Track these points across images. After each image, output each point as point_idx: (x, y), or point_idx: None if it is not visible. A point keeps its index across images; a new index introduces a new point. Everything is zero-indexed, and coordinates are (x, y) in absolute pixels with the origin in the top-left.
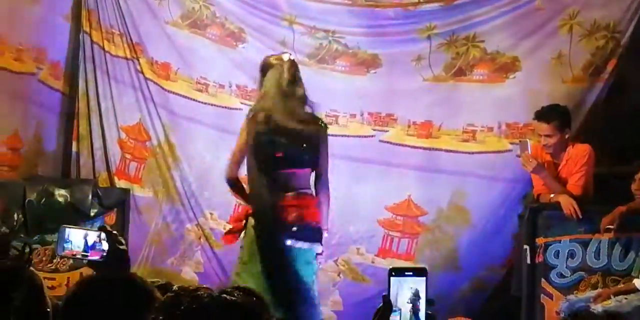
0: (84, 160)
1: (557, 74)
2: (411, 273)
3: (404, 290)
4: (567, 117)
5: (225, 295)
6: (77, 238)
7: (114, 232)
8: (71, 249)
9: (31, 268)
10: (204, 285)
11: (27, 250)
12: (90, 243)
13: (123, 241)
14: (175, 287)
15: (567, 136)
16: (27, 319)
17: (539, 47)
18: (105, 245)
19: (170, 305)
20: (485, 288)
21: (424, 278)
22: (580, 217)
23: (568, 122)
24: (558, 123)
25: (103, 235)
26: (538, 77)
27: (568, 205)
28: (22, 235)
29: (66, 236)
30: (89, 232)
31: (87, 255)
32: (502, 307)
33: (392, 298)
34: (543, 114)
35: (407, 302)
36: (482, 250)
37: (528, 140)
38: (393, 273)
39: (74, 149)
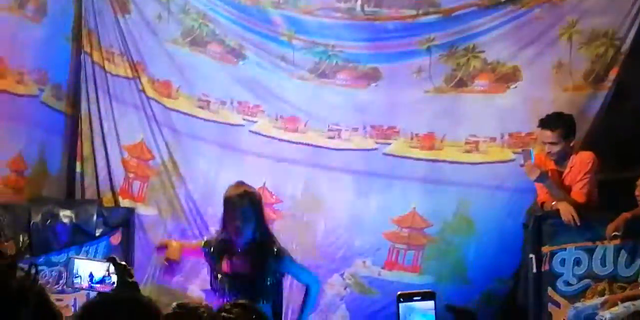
0: (88, 181)
1: (558, 82)
2: (419, 297)
3: (413, 316)
4: (572, 125)
5: (223, 313)
6: (85, 271)
7: (123, 263)
8: (80, 283)
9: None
10: (204, 303)
11: (34, 270)
12: (98, 276)
13: (133, 273)
14: (174, 304)
15: (571, 144)
16: None
17: (539, 56)
18: (114, 278)
19: None
20: (495, 301)
21: (433, 302)
22: (579, 224)
23: (573, 130)
24: (563, 131)
25: (112, 267)
26: (539, 86)
27: (566, 212)
28: (28, 256)
29: (75, 270)
30: (97, 263)
31: (96, 288)
32: (513, 318)
33: None
34: (548, 122)
35: None
36: (489, 261)
37: (531, 149)
38: (401, 299)
39: (77, 169)
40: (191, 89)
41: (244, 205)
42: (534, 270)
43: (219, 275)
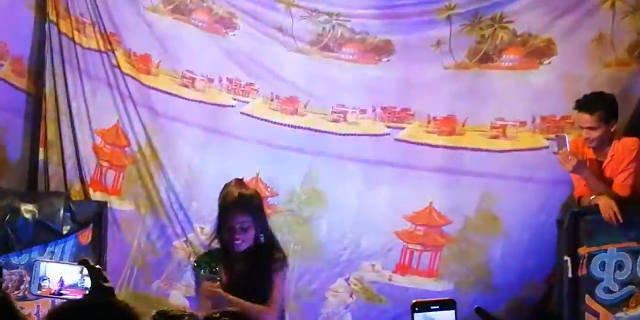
0: (53, 170)
1: (598, 57)
2: (438, 307)
3: None
4: (613, 107)
5: None
6: (54, 274)
7: (97, 266)
8: (48, 286)
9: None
10: (188, 311)
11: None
12: (69, 281)
13: (108, 277)
14: (153, 312)
15: (612, 129)
16: None
17: (576, 28)
18: (87, 282)
19: None
20: (524, 310)
21: (453, 312)
22: (622, 221)
23: (614, 112)
24: (603, 113)
25: (85, 270)
26: (576, 62)
27: (607, 207)
28: None
29: (42, 273)
30: (68, 266)
31: (66, 294)
32: None
33: None
34: (585, 104)
35: None
36: (518, 264)
37: (566, 135)
38: (416, 308)
39: (41, 156)
40: (173, 64)
41: (242, 215)
42: (570, 274)
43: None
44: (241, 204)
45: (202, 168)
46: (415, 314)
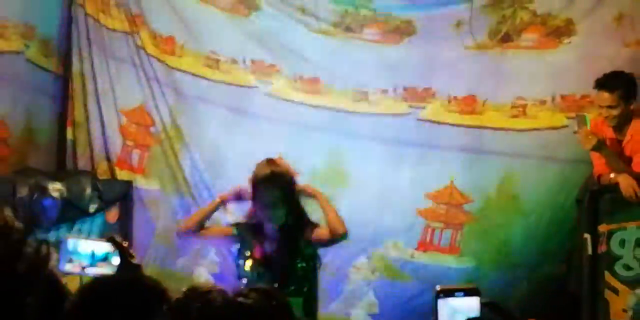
0: (81, 150)
1: (619, 36)
2: (462, 293)
3: (454, 315)
4: (632, 86)
5: (241, 298)
6: (83, 250)
7: (125, 244)
8: (78, 262)
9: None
10: (218, 287)
11: (45, 249)
12: (99, 255)
13: (134, 253)
14: (184, 289)
15: (632, 107)
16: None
17: (596, 7)
18: (115, 259)
19: (179, 310)
20: (544, 287)
21: (478, 298)
22: None
23: (634, 91)
24: (622, 92)
25: (113, 247)
26: (597, 41)
27: (627, 186)
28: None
29: (71, 249)
30: (96, 242)
31: (94, 268)
32: (564, 306)
33: None
34: (605, 82)
35: None
36: (538, 242)
37: (586, 114)
38: (441, 295)
39: (69, 136)
40: (198, 46)
41: (273, 191)
42: (589, 252)
43: (249, 262)
44: (273, 180)
45: (226, 148)
46: (440, 300)
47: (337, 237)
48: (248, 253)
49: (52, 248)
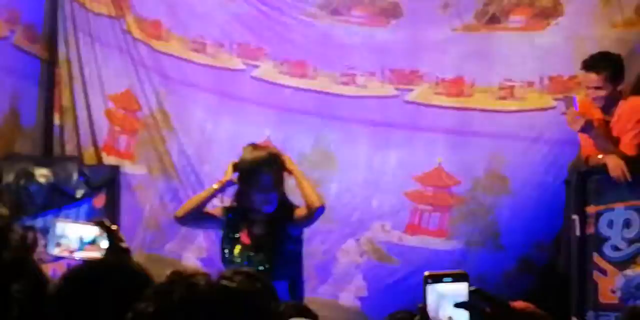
0: (68, 135)
1: (606, 17)
2: (450, 279)
3: (442, 300)
4: (619, 67)
5: (225, 281)
6: (72, 233)
7: (114, 227)
8: (67, 245)
9: (34, 257)
10: (201, 271)
11: (31, 236)
12: (87, 239)
13: (124, 238)
14: (168, 273)
15: (619, 88)
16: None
17: None
18: (104, 243)
19: (161, 294)
20: (533, 268)
21: (466, 284)
22: (630, 180)
23: (621, 72)
24: (609, 73)
25: (101, 230)
26: (584, 22)
27: (615, 167)
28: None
29: (59, 232)
30: (85, 226)
31: (83, 251)
32: (553, 287)
33: (430, 309)
34: (592, 63)
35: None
36: (526, 224)
37: (574, 95)
38: (429, 280)
39: (56, 122)
40: (184, 30)
41: (271, 174)
42: (578, 233)
43: (237, 247)
44: (271, 163)
45: (213, 131)
46: (428, 286)
47: (314, 211)
48: (237, 236)
49: (39, 234)
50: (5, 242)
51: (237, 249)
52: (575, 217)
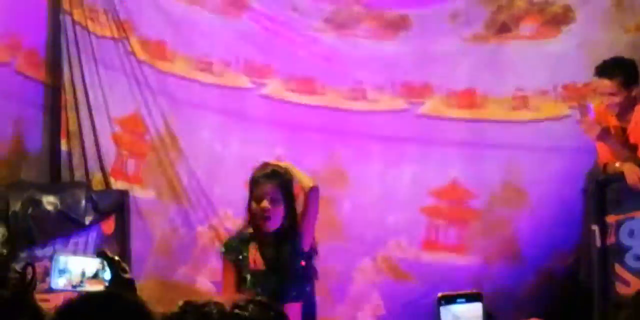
0: (76, 161)
1: (618, 22)
2: (464, 300)
3: None
4: (633, 72)
5: (238, 310)
6: (74, 267)
7: (116, 258)
8: (69, 280)
9: (34, 295)
10: (214, 299)
11: (30, 272)
12: (90, 273)
13: (127, 268)
14: (180, 303)
15: (634, 94)
16: None
17: None
18: (107, 274)
19: None
20: (553, 281)
21: (480, 304)
22: None
23: (634, 77)
24: (623, 79)
25: (104, 262)
26: (596, 28)
27: (632, 174)
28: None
29: (62, 266)
30: (87, 259)
31: (86, 286)
32: (575, 300)
33: None
34: (605, 69)
35: None
36: (545, 236)
37: (589, 102)
38: (442, 302)
39: (63, 148)
40: (189, 49)
41: (272, 185)
42: (598, 243)
43: (249, 277)
44: (272, 176)
45: (222, 152)
46: (442, 308)
47: (308, 192)
48: (248, 261)
49: (44, 264)
50: (4, 280)
51: (249, 274)
52: (595, 227)
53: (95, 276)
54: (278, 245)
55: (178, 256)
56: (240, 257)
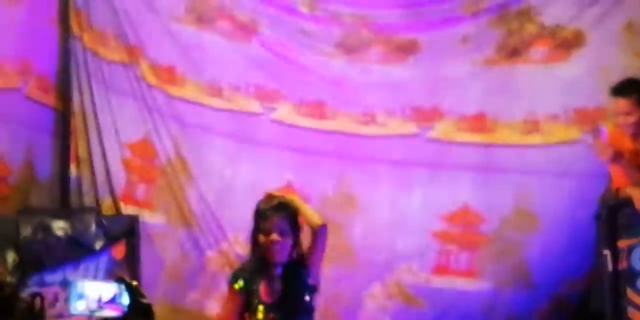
0: (86, 186)
1: (630, 45)
2: None
3: None
4: None
5: None
6: (92, 292)
7: (134, 283)
8: (87, 305)
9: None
10: None
11: (38, 302)
12: (106, 298)
13: (144, 293)
14: None
15: None
16: None
17: (605, 17)
18: (125, 299)
19: None
20: (566, 306)
21: None
22: None
23: None
24: (638, 97)
25: (122, 287)
26: (607, 52)
27: None
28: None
29: (80, 292)
30: (105, 284)
31: (104, 311)
32: None
33: None
34: (620, 89)
35: None
36: (557, 261)
37: (602, 125)
38: None
39: (72, 173)
40: (199, 74)
41: (280, 219)
42: (610, 268)
43: (261, 308)
44: (280, 209)
45: (232, 177)
46: None
47: (316, 230)
48: (258, 297)
49: (52, 293)
50: (12, 310)
51: (260, 309)
52: (606, 252)
53: (113, 301)
54: (286, 277)
55: (188, 281)
56: (251, 288)
